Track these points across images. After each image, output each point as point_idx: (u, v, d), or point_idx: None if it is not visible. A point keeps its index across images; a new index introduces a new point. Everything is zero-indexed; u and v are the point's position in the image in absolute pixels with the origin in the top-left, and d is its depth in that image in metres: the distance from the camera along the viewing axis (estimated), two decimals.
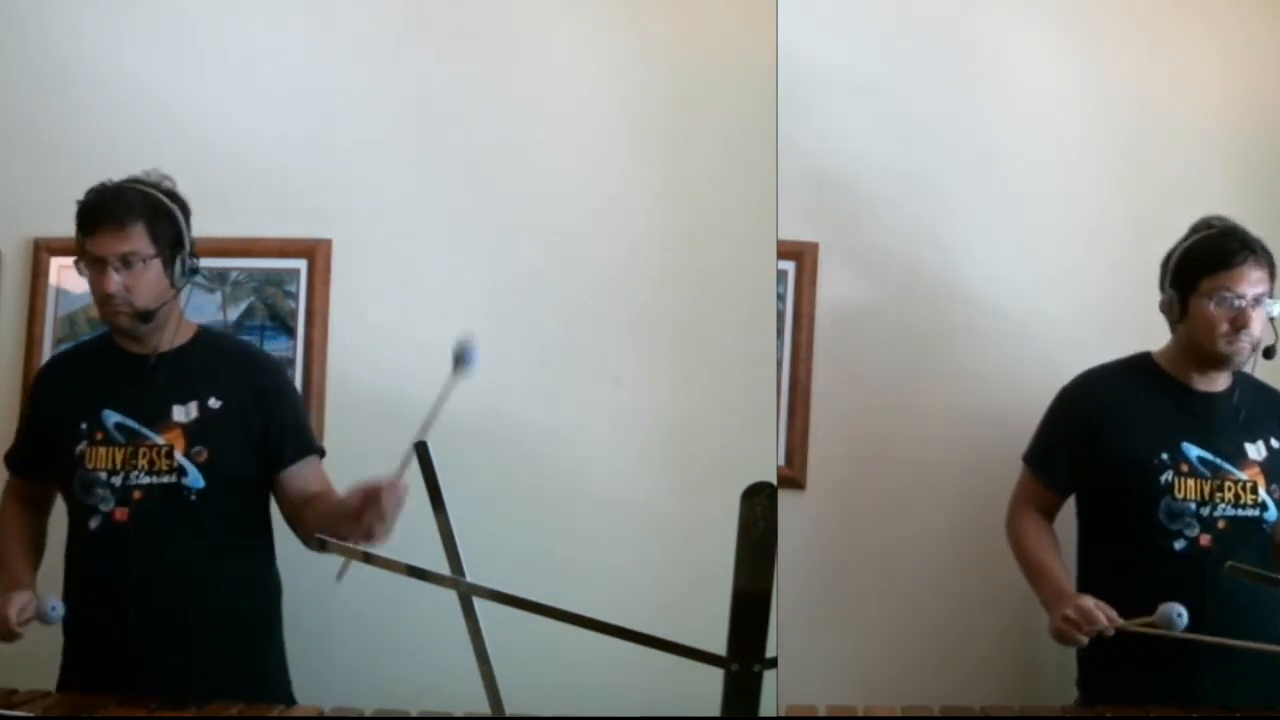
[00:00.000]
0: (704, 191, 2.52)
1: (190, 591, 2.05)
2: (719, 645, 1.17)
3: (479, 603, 1.43)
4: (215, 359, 2.15)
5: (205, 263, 2.58)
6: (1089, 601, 1.97)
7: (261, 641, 2.17)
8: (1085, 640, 1.96)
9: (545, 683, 2.07)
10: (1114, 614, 1.95)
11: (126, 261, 2.02)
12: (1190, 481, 2.09)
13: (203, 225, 2.59)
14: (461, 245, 2.55)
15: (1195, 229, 2.14)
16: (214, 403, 2.09)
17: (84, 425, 2.07)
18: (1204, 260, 2.08)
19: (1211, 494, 2.09)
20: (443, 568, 1.43)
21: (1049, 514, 2.26)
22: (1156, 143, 2.57)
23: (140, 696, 1.90)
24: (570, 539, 2.47)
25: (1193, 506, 2.09)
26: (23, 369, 2.65)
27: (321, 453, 2.21)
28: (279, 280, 2.56)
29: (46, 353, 2.64)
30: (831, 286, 2.55)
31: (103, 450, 2.06)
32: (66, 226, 2.62)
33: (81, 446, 2.06)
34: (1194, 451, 2.11)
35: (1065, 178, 2.57)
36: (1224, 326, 2.07)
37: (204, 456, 2.06)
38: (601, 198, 2.54)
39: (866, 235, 2.57)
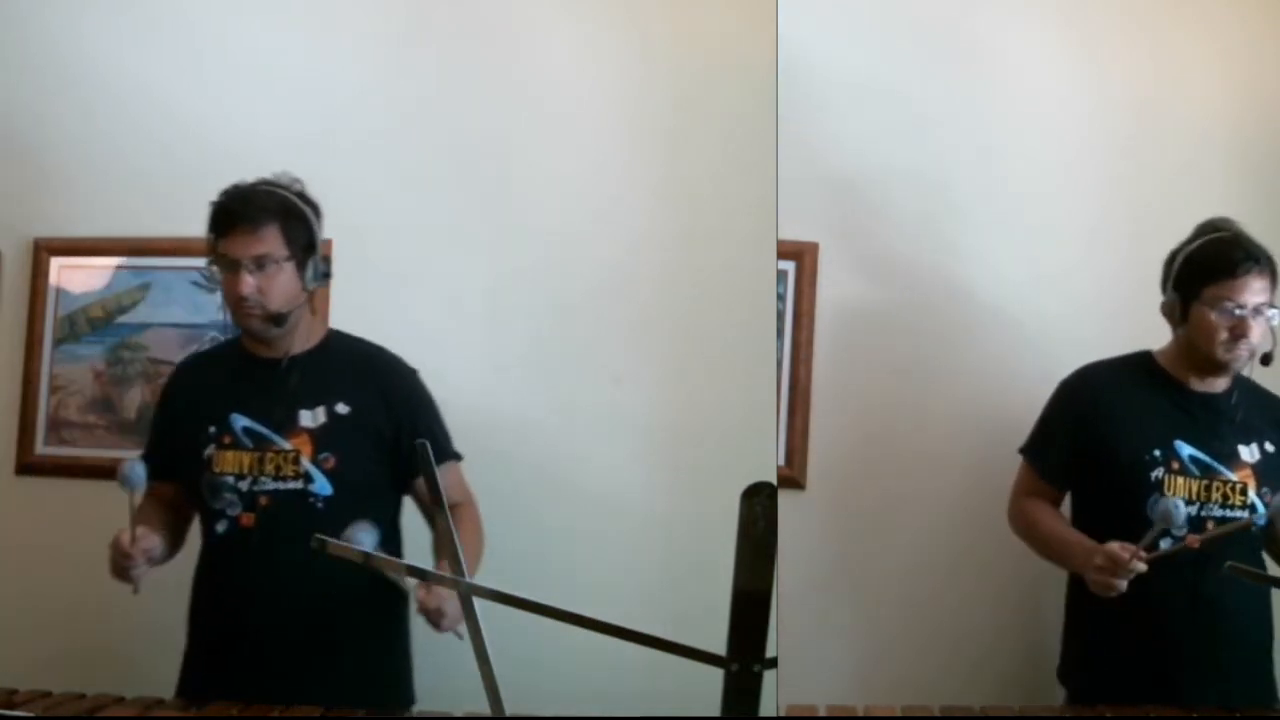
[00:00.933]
0: (704, 191, 2.52)
1: (313, 598, 2.01)
2: (719, 645, 1.17)
3: (479, 603, 1.43)
4: (345, 363, 2.13)
5: (205, 263, 2.58)
6: (1113, 545, 1.96)
7: (386, 646, 2.12)
8: (1123, 584, 1.94)
9: (545, 683, 2.08)
10: (1137, 549, 1.93)
11: (260, 263, 2.00)
12: (1180, 480, 2.10)
13: (203, 225, 2.60)
14: (461, 245, 2.55)
15: (1200, 231, 2.13)
16: (342, 408, 2.07)
17: (212, 429, 2.07)
18: (1207, 268, 2.08)
19: (1201, 493, 2.09)
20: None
21: (1048, 503, 2.24)
22: (1156, 143, 2.57)
23: (260, 701, 1.88)
24: (570, 539, 2.47)
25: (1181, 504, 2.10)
26: (23, 369, 2.65)
27: (457, 457, 2.18)
28: None
29: (47, 352, 2.65)
30: (831, 286, 2.55)
31: (230, 454, 2.05)
32: (67, 226, 2.65)
33: (209, 450, 2.06)
34: (1186, 450, 2.12)
35: (1065, 178, 2.57)
36: (1224, 335, 2.07)
37: (331, 463, 2.04)
38: (601, 198, 2.54)
39: (866, 235, 2.57)
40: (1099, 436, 2.15)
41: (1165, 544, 2.04)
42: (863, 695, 2.05)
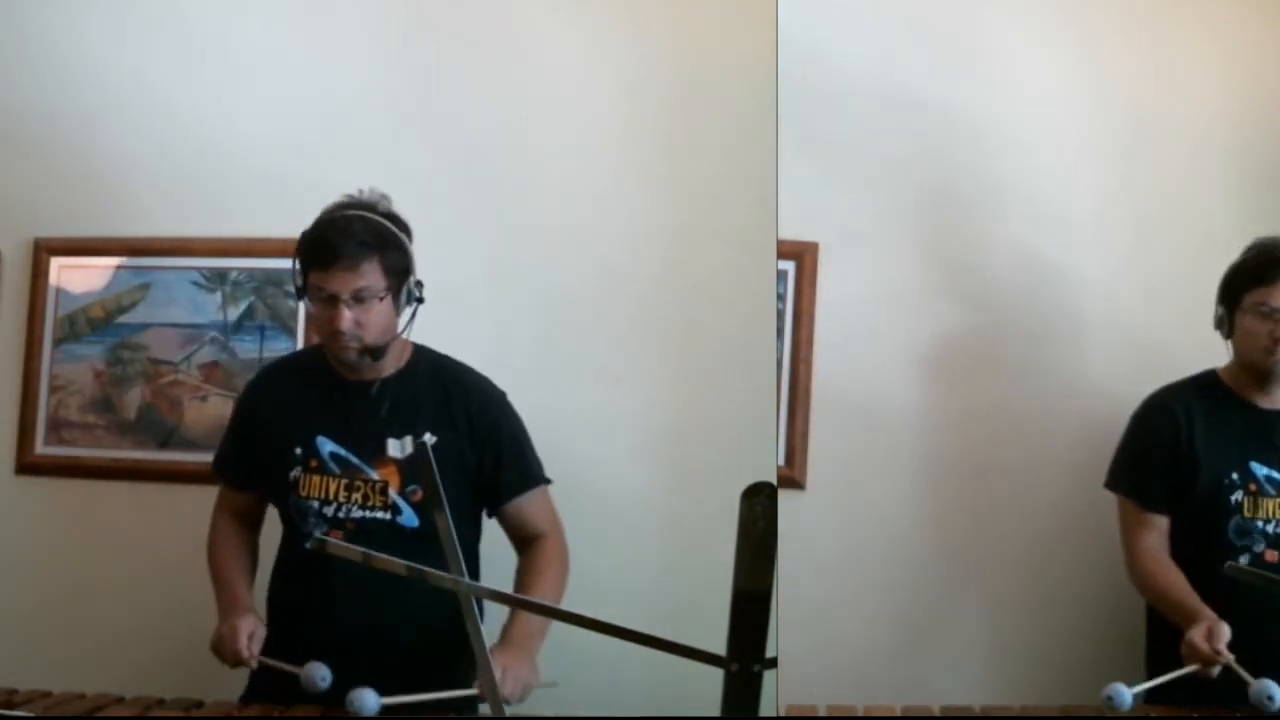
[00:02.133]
0: (704, 191, 2.52)
1: (396, 627, 2.00)
2: (719, 645, 1.17)
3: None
4: (431, 388, 2.08)
5: (205, 262, 2.58)
6: (1196, 635, 1.92)
7: (462, 677, 1.98)
8: (1212, 672, 1.90)
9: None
10: (1221, 644, 1.90)
11: (359, 297, 1.96)
12: (1259, 500, 2.12)
13: (203, 225, 2.60)
14: (461, 245, 2.55)
15: (1247, 249, 2.15)
16: (429, 438, 2.03)
17: (298, 450, 2.05)
18: (1246, 276, 2.11)
19: (1276, 510, 2.11)
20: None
21: (1162, 541, 2.18)
22: (1156, 143, 2.57)
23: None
24: (570, 539, 2.46)
25: (1260, 524, 2.11)
26: (23, 369, 2.65)
27: (546, 482, 2.15)
28: (279, 280, 2.56)
29: (47, 352, 2.64)
30: (831, 286, 2.55)
31: (317, 479, 2.04)
32: (67, 226, 2.65)
33: (296, 472, 2.04)
34: (1262, 470, 2.13)
35: (1065, 177, 2.57)
36: (1264, 340, 2.09)
37: (419, 496, 2.02)
38: (601, 197, 2.54)
39: (866, 235, 2.57)
40: (1183, 463, 2.15)
41: (1245, 560, 2.07)
42: (863, 695, 2.05)
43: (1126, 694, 1.83)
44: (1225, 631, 1.91)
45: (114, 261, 2.64)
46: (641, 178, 2.53)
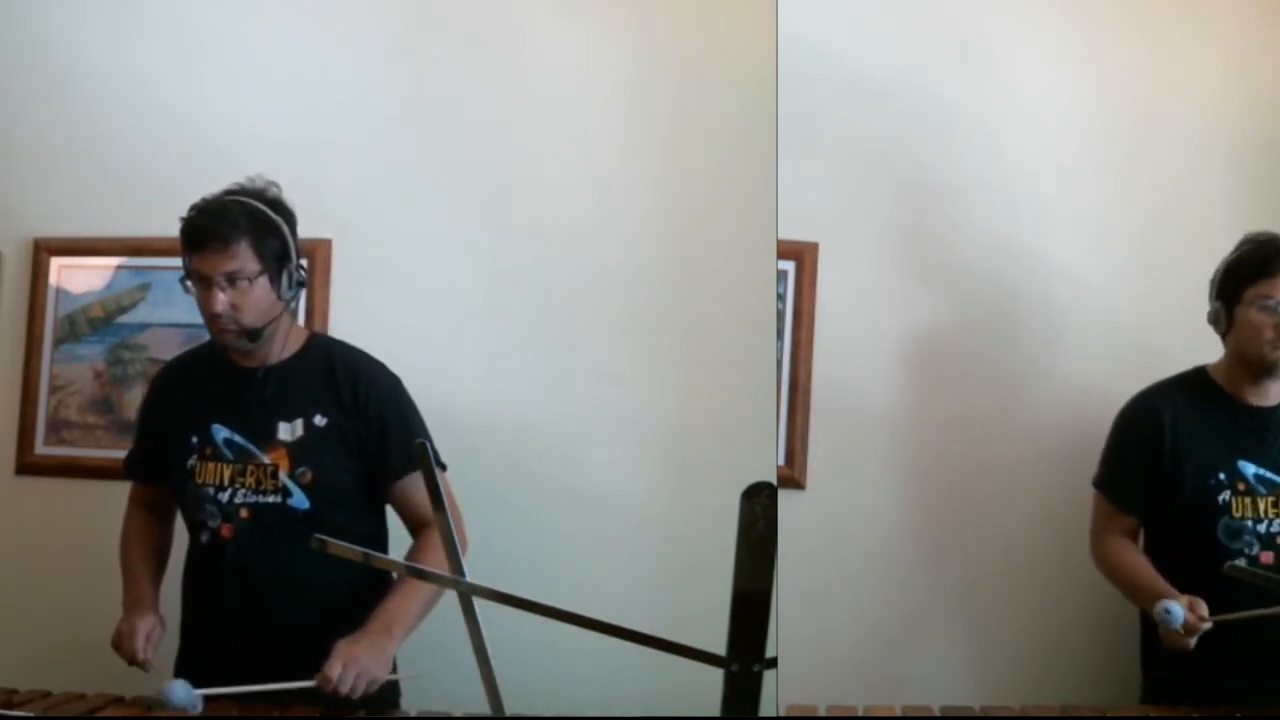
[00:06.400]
0: (704, 191, 2.52)
1: (293, 611, 2.01)
2: (719, 645, 1.17)
3: (479, 602, 1.43)
4: (321, 372, 2.09)
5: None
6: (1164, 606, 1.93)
7: None
8: (1190, 643, 1.92)
9: (545, 683, 2.07)
10: (1204, 611, 1.92)
11: (232, 280, 1.97)
12: (1247, 500, 2.10)
13: None
14: (461, 244, 2.56)
15: (1241, 243, 2.15)
16: (319, 420, 2.05)
17: (194, 439, 2.06)
18: (1246, 270, 2.10)
19: (1270, 510, 2.10)
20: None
21: (1131, 537, 2.21)
22: (1157, 145, 2.57)
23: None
24: (569, 539, 2.47)
25: (1250, 524, 2.10)
26: (23, 369, 2.65)
27: (440, 466, 2.09)
28: None
29: (47, 353, 2.65)
30: (831, 286, 2.55)
31: (211, 466, 2.05)
32: (66, 226, 2.65)
33: (192, 461, 2.06)
34: (1250, 469, 2.12)
35: (1066, 178, 2.57)
36: (1268, 333, 2.08)
37: (308, 478, 2.02)
38: (601, 197, 2.54)
39: (866, 235, 2.57)
40: (1167, 463, 2.15)
41: (1241, 563, 2.04)
42: (863, 695, 2.05)
43: (1179, 610, 1.90)
44: (1202, 603, 1.93)
45: (114, 261, 2.64)
46: (641, 178, 2.53)
